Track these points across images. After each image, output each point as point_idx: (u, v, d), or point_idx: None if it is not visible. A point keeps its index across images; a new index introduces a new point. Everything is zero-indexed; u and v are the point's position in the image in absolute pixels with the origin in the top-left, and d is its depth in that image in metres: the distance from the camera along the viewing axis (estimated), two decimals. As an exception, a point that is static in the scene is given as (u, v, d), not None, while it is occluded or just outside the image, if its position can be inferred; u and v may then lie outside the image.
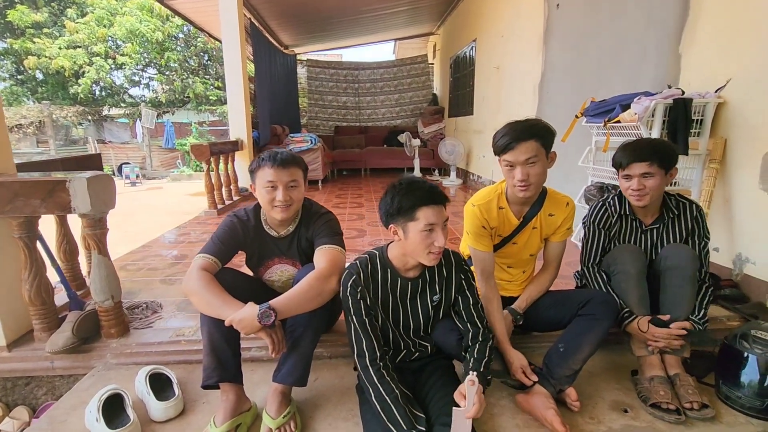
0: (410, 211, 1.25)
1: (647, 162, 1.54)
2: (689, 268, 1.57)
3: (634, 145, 1.60)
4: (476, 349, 1.36)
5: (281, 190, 1.45)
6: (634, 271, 1.59)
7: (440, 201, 1.27)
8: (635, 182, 1.56)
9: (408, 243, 1.29)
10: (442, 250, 1.28)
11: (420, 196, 1.25)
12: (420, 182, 1.29)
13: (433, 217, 1.24)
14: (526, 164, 1.47)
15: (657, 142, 1.61)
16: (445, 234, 1.27)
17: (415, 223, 1.25)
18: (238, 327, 1.25)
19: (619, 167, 1.63)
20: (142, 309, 2.07)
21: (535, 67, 4.31)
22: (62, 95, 13.69)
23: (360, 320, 1.31)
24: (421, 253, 1.28)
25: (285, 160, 1.47)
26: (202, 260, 1.44)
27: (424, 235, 1.25)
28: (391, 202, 1.28)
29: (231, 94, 5.55)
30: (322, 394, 1.56)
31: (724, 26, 2.11)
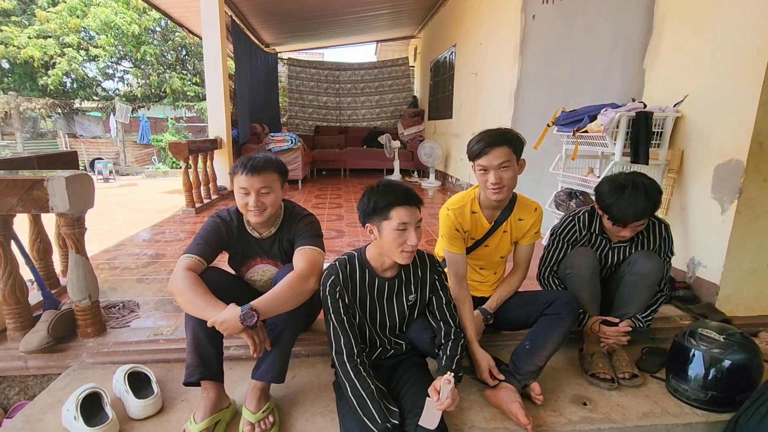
0: (384, 211, 1.32)
1: (644, 219, 1.61)
2: (652, 278, 1.69)
3: (635, 207, 1.56)
4: (449, 347, 1.44)
5: (253, 196, 1.48)
6: (588, 273, 1.71)
7: (414, 202, 1.34)
8: (629, 231, 1.64)
9: (383, 242, 1.36)
10: (415, 249, 1.35)
11: (394, 197, 1.33)
12: (396, 184, 1.38)
13: (406, 217, 1.32)
14: (499, 168, 1.56)
15: (652, 194, 1.59)
16: (418, 234, 1.34)
17: (388, 222, 1.32)
18: (221, 328, 1.29)
19: (617, 223, 1.63)
20: (118, 308, 2.07)
21: (512, 75, 4.45)
22: (30, 86, 13.14)
23: (338, 318, 1.37)
24: (394, 251, 1.35)
25: (256, 166, 1.49)
26: (188, 260, 1.47)
27: (397, 233, 1.32)
28: (367, 202, 1.36)
29: (210, 92, 5.50)
30: (300, 391, 1.61)
31: (683, 46, 2.26)
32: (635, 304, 1.73)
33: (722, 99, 2.04)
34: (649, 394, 1.61)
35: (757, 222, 1.99)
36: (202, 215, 4.53)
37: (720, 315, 2.00)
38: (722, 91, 2.04)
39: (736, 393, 1.48)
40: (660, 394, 1.61)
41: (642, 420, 1.47)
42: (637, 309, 1.74)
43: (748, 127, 1.90)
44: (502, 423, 1.43)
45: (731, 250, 2.02)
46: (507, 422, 1.44)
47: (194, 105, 14.09)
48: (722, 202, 2.04)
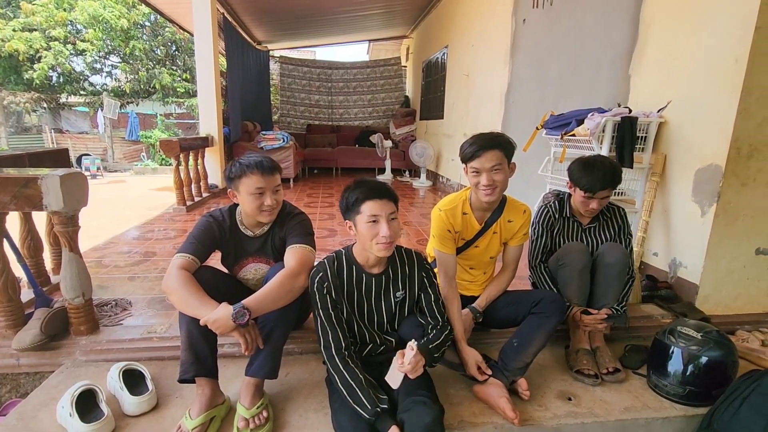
0: (356, 205, 1.38)
1: (610, 188, 1.78)
2: (619, 266, 1.80)
3: (602, 175, 1.76)
4: (432, 333, 1.50)
5: (269, 195, 1.53)
6: (580, 266, 1.79)
7: (384, 195, 1.38)
8: (596, 203, 1.81)
9: (359, 235, 1.41)
10: (389, 241, 1.37)
11: (363, 191, 1.37)
12: (367, 180, 1.42)
13: (375, 209, 1.36)
14: (491, 171, 1.61)
15: (617, 170, 1.81)
16: (393, 227, 1.38)
17: (360, 215, 1.37)
18: (213, 327, 1.31)
19: (586, 190, 1.80)
20: (111, 306, 2.07)
21: (502, 77, 4.52)
22: (15, 80, 12.88)
23: (326, 313, 1.41)
24: (370, 244, 1.39)
25: (271, 167, 1.56)
26: (181, 259, 1.49)
27: (369, 226, 1.36)
28: (342, 199, 1.42)
29: (202, 90, 5.47)
30: (294, 388, 1.64)
31: (667, 53, 2.34)
32: (611, 294, 1.81)
33: (703, 106, 2.12)
34: (630, 389, 1.68)
35: (735, 224, 2.07)
36: (193, 213, 4.52)
37: (699, 314, 2.08)
38: (703, 98, 2.12)
39: (712, 388, 1.55)
40: (641, 389, 1.68)
41: (623, 414, 1.53)
42: (614, 298, 1.82)
43: (726, 133, 1.98)
44: (490, 418, 1.48)
45: (710, 251, 2.10)
46: (495, 417, 1.49)
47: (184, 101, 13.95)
48: (702, 205, 2.12)
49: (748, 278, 2.17)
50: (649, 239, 2.45)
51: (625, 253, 1.81)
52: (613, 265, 1.79)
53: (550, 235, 1.96)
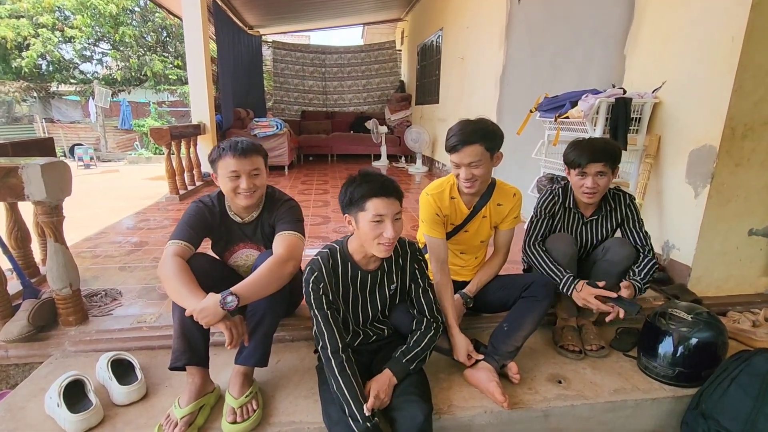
0: (361, 202, 1.30)
1: (602, 162, 1.67)
2: (622, 265, 1.76)
3: (591, 146, 1.69)
4: (415, 336, 1.47)
5: (244, 178, 1.49)
6: (565, 260, 1.75)
7: (391, 194, 1.32)
8: (590, 180, 1.69)
9: (360, 233, 1.35)
10: (392, 242, 1.32)
11: (370, 188, 1.30)
12: (374, 175, 1.35)
13: (382, 209, 1.29)
14: (470, 166, 1.58)
15: (611, 145, 1.73)
16: (396, 227, 1.32)
17: (364, 213, 1.30)
18: (199, 317, 1.27)
19: (576, 166, 1.72)
20: (101, 296, 2.06)
21: (497, 59, 4.44)
22: (4, 69, 12.65)
23: (323, 314, 1.36)
24: (371, 243, 1.33)
25: (246, 149, 1.50)
26: (175, 246, 1.46)
27: (373, 225, 1.30)
28: (345, 192, 1.35)
29: (193, 76, 5.38)
30: (284, 375, 1.64)
31: (663, 32, 2.29)
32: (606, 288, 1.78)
33: (698, 85, 2.08)
34: (621, 371, 1.68)
35: (728, 206, 2.06)
36: (186, 202, 4.48)
37: (691, 295, 2.08)
38: (698, 78, 2.08)
39: (701, 369, 1.55)
40: (631, 371, 1.68)
41: (613, 396, 1.53)
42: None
43: (721, 113, 1.94)
44: (480, 402, 1.49)
45: (703, 233, 2.09)
46: (485, 401, 1.49)
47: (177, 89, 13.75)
48: (695, 186, 2.10)
49: (740, 259, 2.17)
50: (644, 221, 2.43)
51: (631, 252, 1.76)
52: (617, 263, 1.75)
53: (551, 222, 1.87)
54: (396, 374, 1.39)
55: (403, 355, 1.43)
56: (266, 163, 1.60)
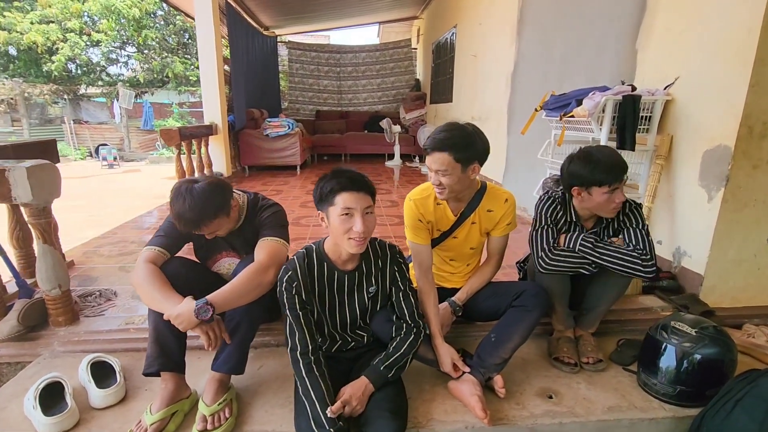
0: (330, 197, 1.29)
1: (624, 174, 1.57)
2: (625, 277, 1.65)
3: (611, 162, 1.54)
4: (394, 343, 1.42)
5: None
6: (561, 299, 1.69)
7: (361, 188, 1.29)
8: (619, 194, 1.56)
9: (331, 229, 1.33)
10: (362, 237, 1.29)
11: (339, 182, 1.28)
12: (344, 170, 1.32)
13: (350, 202, 1.27)
14: (437, 173, 1.52)
15: (619, 156, 1.58)
16: (368, 222, 1.29)
17: (334, 207, 1.29)
18: (175, 322, 1.29)
19: (603, 184, 1.54)
20: (95, 297, 2.08)
21: (509, 56, 4.32)
22: (35, 72, 13.19)
23: (294, 314, 1.34)
24: (342, 238, 1.30)
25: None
26: (149, 252, 1.47)
27: (342, 219, 1.27)
28: (316, 189, 1.33)
29: (205, 77, 5.43)
30: (264, 382, 1.60)
31: (676, 25, 2.15)
32: (605, 299, 1.71)
33: (713, 81, 1.94)
34: (618, 387, 1.58)
35: (745, 211, 1.91)
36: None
37: (702, 306, 1.94)
38: (713, 73, 1.94)
39: (705, 388, 1.43)
40: (630, 387, 1.58)
41: (606, 414, 1.44)
42: (607, 305, 1.72)
43: (737, 110, 1.80)
44: (462, 416, 1.41)
45: (717, 239, 1.94)
46: (467, 415, 1.42)
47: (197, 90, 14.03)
48: (709, 189, 1.96)
49: (758, 268, 2.02)
50: (653, 227, 2.30)
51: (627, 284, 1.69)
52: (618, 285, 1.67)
53: (555, 228, 1.70)
54: (373, 382, 1.34)
55: (381, 362, 1.38)
56: None
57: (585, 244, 1.60)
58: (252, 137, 6.35)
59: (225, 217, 1.48)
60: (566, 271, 1.63)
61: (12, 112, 13.30)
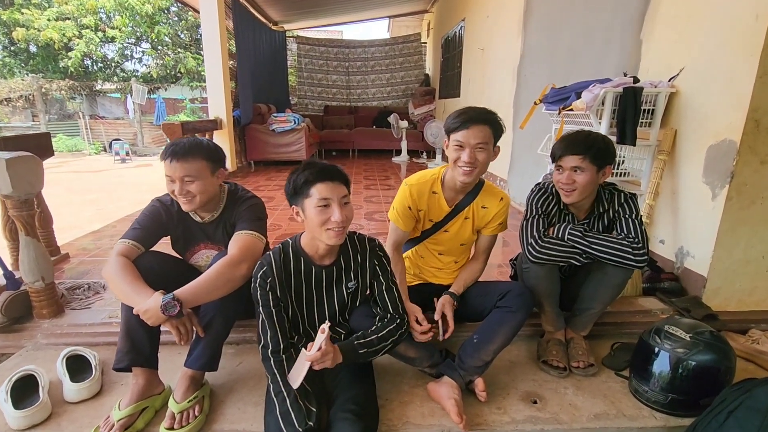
0: (305, 189, 1.26)
1: (580, 156, 1.50)
2: (620, 277, 1.58)
3: (571, 138, 1.56)
4: (373, 328, 1.38)
5: (178, 184, 1.43)
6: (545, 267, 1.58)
7: (335, 178, 1.27)
8: (565, 175, 1.53)
9: (308, 222, 1.29)
10: (342, 227, 1.27)
11: (313, 173, 1.25)
12: (316, 162, 1.30)
13: (326, 192, 1.24)
14: (475, 148, 1.46)
15: (595, 137, 1.54)
16: (345, 211, 1.27)
17: (310, 199, 1.26)
18: (144, 317, 1.26)
19: (553, 159, 1.60)
20: (83, 290, 2.08)
21: (515, 49, 4.21)
22: (53, 68, 13.47)
23: (267, 311, 1.31)
24: (320, 231, 1.27)
25: (177, 152, 1.42)
26: (122, 245, 1.44)
27: (319, 210, 1.24)
28: (289, 183, 1.30)
29: (210, 71, 5.46)
30: (242, 379, 1.57)
31: (682, 13, 2.04)
32: (599, 300, 1.62)
33: (718, 71, 1.83)
34: (608, 393, 1.50)
35: (751, 209, 1.80)
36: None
37: (705, 310, 1.85)
38: (719, 64, 1.83)
39: (699, 397, 1.35)
40: (620, 394, 1.50)
41: (592, 422, 1.37)
42: (601, 306, 1.63)
43: (743, 102, 1.70)
44: (439, 420, 1.36)
45: (720, 239, 1.84)
46: (445, 419, 1.36)
47: (209, 85, 14.15)
48: (713, 186, 1.86)
49: (767, 270, 1.91)
50: (655, 225, 2.20)
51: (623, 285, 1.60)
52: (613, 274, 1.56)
53: (546, 220, 1.63)
54: (343, 352, 1.29)
55: (356, 338, 1.35)
56: (216, 166, 1.50)
57: (574, 232, 1.53)
58: (258, 132, 6.35)
59: (207, 169, 1.45)
60: (556, 260, 1.56)
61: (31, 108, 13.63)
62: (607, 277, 1.59)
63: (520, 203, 3.82)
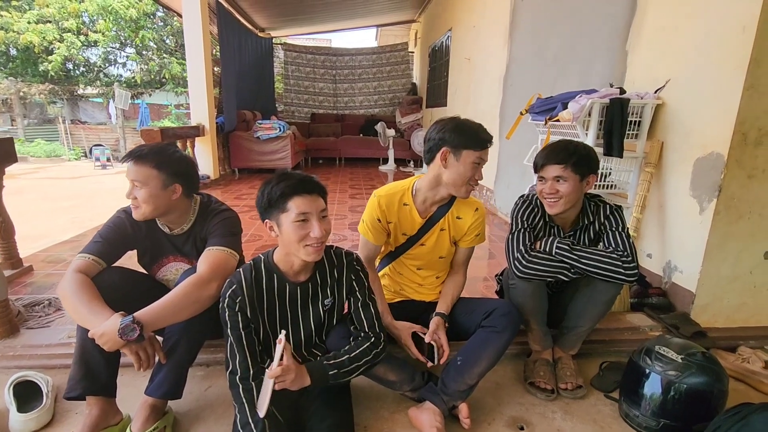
0: (281, 202, 1.16)
1: (561, 165, 1.45)
2: (610, 293, 1.52)
3: (552, 147, 1.51)
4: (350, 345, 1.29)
5: (129, 187, 1.34)
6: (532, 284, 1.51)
7: (313, 190, 1.19)
8: (548, 185, 1.48)
9: (284, 238, 1.19)
10: (320, 243, 1.19)
11: (290, 185, 1.16)
12: (292, 173, 1.21)
13: (305, 206, 1.16)
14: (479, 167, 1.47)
15: (576, 146, 1.50)
16: (324, 225, 1.18)
17: (287, 214, 1.16)
18: (100, 342, 1.15)
19: (535, 169, 1.55)
20: (43, 306, 1.95)
21: (501, 59, 4.20)
22: (32, 72, 13.13)
23: (236, 334, 1.21)
24: (297, 247, 1.18)
25: (134, 153, 1.35)
26: (80, 261, 1.33)
27: (297, 225, 1.16)
28: (262, 195, 1.20)
29: (192, 76, 5.33)
30: (210, 405, 1.47)
31: (667, 24, 2.02)
32: (588, 318, 1.56)
33: (705, 83, 1.81)
34: (597, 418, 1.43)
35: (739, 223, 1.77)
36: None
37: (694, 327, 1.80)
38: (705, 75, 1.81)
39: (692, 422, 1.29)
40: (610, 418, 1.43)
41: (581, 448, 1.29)
42: (591, 324, 1.57)
43: (730, 115, 1.67)
44: (420, 450, 1.27)
45: (709, 254, 1.80)
46: (426, 449, 1.27)
47: (195, 91, 13.96)
48: (701, 200, 1.82)
49: (755, 285, 1.87)
50: (643, 239, 2.16)
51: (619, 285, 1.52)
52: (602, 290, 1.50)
53: (532, 232, 1.57)
54: (311, 373, 1.20)
55: (326, 359, 1.26)
56: (171, 179, 1.36)
57: (562, 246, 1.47)
58: (242, 139, 6.23)
59: (157, 179, 1.33)
60: (543, 275, 1.48)
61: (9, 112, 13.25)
62: (596, 293, 1.53)
63: (506, 213, 3.78)
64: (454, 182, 1.45)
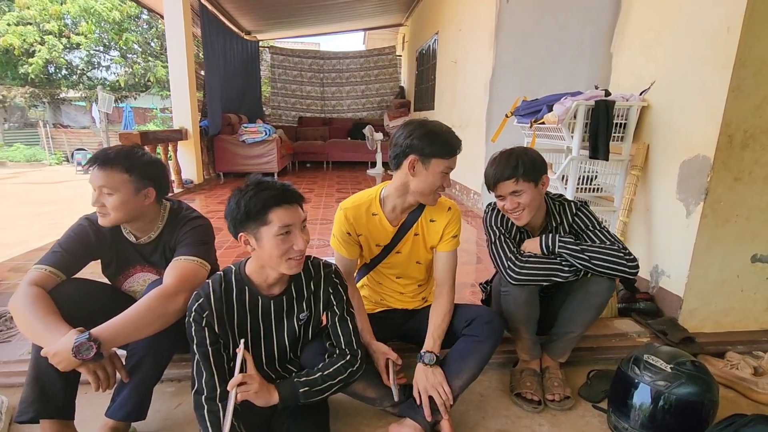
0: (261, 214, 1.07)
1: (512, 179, 1.39)
2: (601, 297, 1.47)
3: (496, 164, 1.44)
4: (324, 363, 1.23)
5: (95, 194, 1.25)
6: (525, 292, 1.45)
7: (295, 200, 1.12)
8: (508, 201, 1.43)
9: (263, 252, 1.11)
10: (303, 255, 1.13)
11: (271, 196, 1.08)
12: (268, 182, 1.12)
13: (288, 218, 1.08)
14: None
15: (518, 154, 1.41)
16: (305, 236, 1.12)
17: (268, 227, 1.08)
18: (53, 362, 1.06)
19: (489, 189, 1.48)
20: (4, 320, 1.84)
21: (487, 62, 4.18)
22: (12, 74, 12.83)
23: (202, 351, 1.13)
24: (279, 261, 1.10)
25: (98, 158, 1.27)
26: (36, 273, 1.24)
27: (280, 239, 1.08)
28: (236, 206, 1.09)
29: (174, 78, 5.23)
30: (179, 424, 1.38)
31: (652, 25, 2.00)
32: (580, 323, 1.50)
33: (690, 85, 1.78)
34: (585, 430, 1.38)
35: (726, 227, 1.74)
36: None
37: (682, 332, 1.76)
38: (690, 76, 1.78)
39: (682, 434, 1.24)
40: (599, 430, 1.38)
41: (569, 465, 1.24)
42: (582, 329, 1.51)
43: (716, 117, 1.64)
44: (400, 469, 1.20)
45: (696, 258, 1.77)
46: (407, 468, 1.21)
47: (181, 95, 13.77)
48: (687, 203, 1.79)
49: (742, 290, 1.85)
50: (630, 243, 2.12)
51: (612, 285, 1.46)
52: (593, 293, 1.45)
53: (508, 236, 1.51)
54: (280, 391, 1.14)
55: (297, 376, 1.19)
56: (141, 184, 1.30)
57: (566, 240, 1.40)
58: (227, 143, 6.13)
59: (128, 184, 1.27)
60: (539, 278, 1.40)
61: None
62: (589, 297, 1.47)
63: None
64: (422, 191, 1.38)
